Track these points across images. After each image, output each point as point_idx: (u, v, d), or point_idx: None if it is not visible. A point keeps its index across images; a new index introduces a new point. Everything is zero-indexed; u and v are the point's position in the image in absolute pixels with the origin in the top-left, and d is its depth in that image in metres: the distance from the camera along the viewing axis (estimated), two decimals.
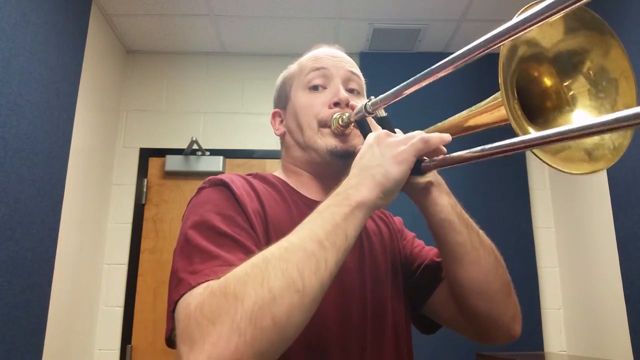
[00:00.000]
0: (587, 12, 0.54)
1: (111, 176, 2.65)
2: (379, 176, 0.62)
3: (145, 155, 2.72)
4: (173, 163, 2.66)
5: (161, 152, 2.70)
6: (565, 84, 0.57)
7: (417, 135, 0.65)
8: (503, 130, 0.60)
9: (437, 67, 0.59)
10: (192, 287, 0.57)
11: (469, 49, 0.53)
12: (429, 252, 0.87)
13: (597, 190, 2.18)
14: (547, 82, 0.58)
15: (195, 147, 2.62)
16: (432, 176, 0.73)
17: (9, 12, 1.64)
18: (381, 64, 2.75)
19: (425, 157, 0.68)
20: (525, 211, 2.63)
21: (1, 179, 1.59)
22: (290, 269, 0.52)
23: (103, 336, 2.45)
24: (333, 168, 0.83)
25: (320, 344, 0.69)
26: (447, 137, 0.65)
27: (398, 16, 2.50)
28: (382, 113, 0.74)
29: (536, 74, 0.58)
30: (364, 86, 0.91)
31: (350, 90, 0.87)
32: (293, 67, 0.92)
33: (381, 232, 0.88)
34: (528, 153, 2.72)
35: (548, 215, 2.66)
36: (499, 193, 2.63)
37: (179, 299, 0.58)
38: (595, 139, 0.52)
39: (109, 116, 2.62)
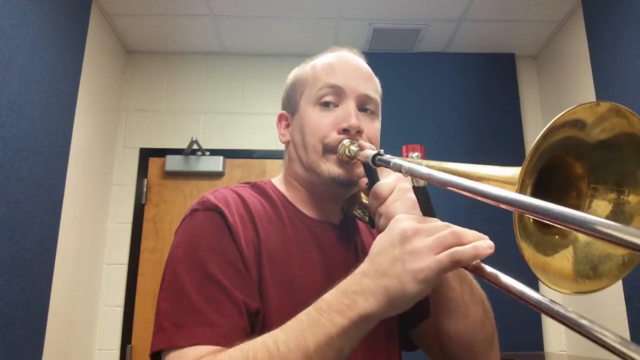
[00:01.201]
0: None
1: (111, 176, 2.65)
2: (393, 290, 0.53)
3: (145, 155, 2.72)
4: (173, 163, 2.66)
5: (161, 152, 2.70)
6: (591, 186, 0.52)
7: (447, 243, 0.52)
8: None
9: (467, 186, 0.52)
10: (172, 347, 0.61)
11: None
12: None
13: None
14: (573, 176, 0.53)
15: (195, 147, 2.62)
16: None
17: (9, 12, 1.64)
18: (381, 64, 2.73)
19: None
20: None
21: (1, 179, 1.59)
22: None
23: (103, 336, 2.45)
24: (334, 192, 0.81)
25: None
26: (487, 249, 0.52)
27: (398, 16, 2.50)
28: (420, 183, 0.63)
29: (565, 164, 0.53)
30: (380, 105, 0.86)
31: (364, 110, 0.82)
32: (307, 70, 0.86)
33: None
34: (528, 150, 2.73)
35: None
36: None
37: (161, 352, 0.62)
38: (604, 250, 0.47)
39: (109, 116, 2.62)
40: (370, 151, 0.72)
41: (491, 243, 0.52)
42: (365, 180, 0.77)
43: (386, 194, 0.69)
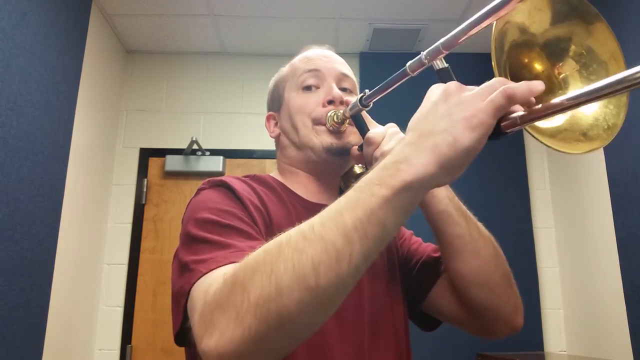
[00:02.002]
0: None
1: (111, 176, 2.65)
2: (444, 146, 0.47)
3: (145, 155, 2.72)
4: (173, 163, 2.66)
5: (161, 152, 2.70)
6: (555, 68, 0.57)
7: (497, 85, 0.48)
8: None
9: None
10: (203, 274, 0.56)
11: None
12: (427, 248, 0.87)
13: (597, 190, 2.18)
14: (538, 67, 0.57)
15: (195, 147, 2.62)
16: None
17: (9, 12, 1.64)
18: (381, 64, 2.75)
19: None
20: (525, 211, 2.63)
21: (1, 179, 1.59)
22: (303, 262, 0.45)
23: (103, 336, 2.45)
24: (330, 166, 0.84)
25: (317, 342, 0.69)
26: (539, 85, 0.47)
27: (398, 16, 2.50)
28: (441, 64, 0.60)
29: (527, 60, 0.58)
30: (357, 86, 0.92)
31: (343, 89, 0.87)
32: (285, 69, 0.92)
33: None
34: (528, 150, 2.73)
35: (548, 215, 2.66)
36: (499, 193, 2.62)
37: (191, 288, 0.57)
38: (589, 120, 0.53)
39: (109, 116, 2.62)
40: (355, 98, 0.76)
41: (541, 82, 0.48)
42: (356, 148, 0.81)
43: (379, 138, 0.74)
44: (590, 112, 0.53)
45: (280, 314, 0.45)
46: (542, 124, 0.50)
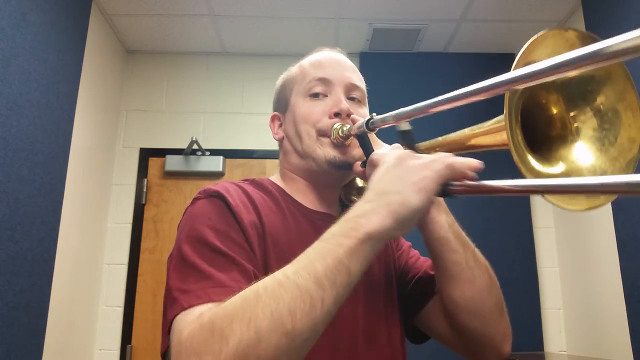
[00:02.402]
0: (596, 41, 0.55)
1: (111, 176, 2.65)
2: (395, 204, 0.55)
3: (145, 155, 2.72)
4: (173, 163, 2.66)
5: (161, 152, 2.70)
6: (571, 114, 0.57)
7: (442, 159, 0.58)
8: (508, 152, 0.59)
9: (448, 98, 0.59)
10: (184, 309, 0.58)
11: (486, 86, 0.53)
12: (424, 263, 0.87)
13: None
14: (553, 109, 0.57)
15: (195, 147, 2.62)
16: None
17: (9, 12, 1.64)
18: (381, 64, 2.75)
19: (452, 182, 0.61)
20: (525, 212, 2.63)
21: (1, 179, 1.59)
22: (280, 308, 0.49)
23: (103, 336, 2.45)
24: (331, 178, 0.83)
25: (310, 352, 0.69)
26: (477, 163, 0.58)
27: (398, 16, 2.50)
28: (406, 126, 0.68)
29: (543, 100, 0.57)
30: (366, 95, 0.90)
31: (352, 99, 0.86)
32: (294, 70, 0.90)
33: None
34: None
35: (548, 215, 2.66)
36: None
37: (173, 319, 0.59)
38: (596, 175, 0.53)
39: (109, 116, 2.62)
40: (362, 119, 0.76)
41: (481, 162, 0.58)
42: (359, 163, 0.80)
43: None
44: (598, 166, 0.53)
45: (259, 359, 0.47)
46: (541, 168, 0.50)
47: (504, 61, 2.84)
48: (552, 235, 2.63)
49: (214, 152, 2.70)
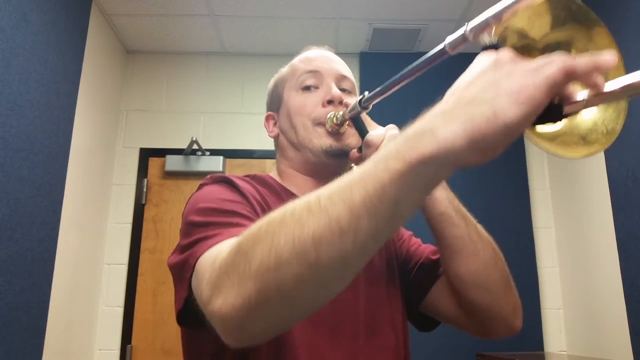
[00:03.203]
0: (573, 2, 0.56)
1: (111, 176, 2.65)
2: (481, 118, 0.38)
3: (145, 155, 2.72)
4: (173, 163, 2.66)
5: (161, 152, 2.70)
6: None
7: (557, 60, 0.39)
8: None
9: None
10: (209, 247, 0.57)
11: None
12: (425, 249, 0.87)
13: (597, 190, 2.18)
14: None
15: (195, 147, 2.62)
16: None
17: (9, 12, 1.64)
18: (381, 64, 2.75)
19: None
20: (525, 211, 2.63)
21: (1, 179, 1.59)
22: (304, 235, 0.42)
23: (103, 336, 2.45)
24: (328, 168, 0.83)
25: (307, 342, 0.69)
26: (609, 58, 0.39)
27: (398, 16, 2.50)
28: (489, 40, 0.51)
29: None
30: (355, 86, 0.92)
31: (342, 90, 0.87)
32: (284, 69, 0.92)
33: None
34: (528, 150, 2.73)
35: (548, 215, 2.66)
36: (499, 193, 2.63)
37: (196, 261, 0.57)
38: (588, 124, 0.52)
39: (109, 116, 2.62)
40: (355, 100, 0.76)
41: (613, 56, 0.39)
42: (355, 150, 0.81)
43: (378, 140, 0.73)
44: (589, 116, 0.53)
45: (279, 287, 0.44)
46: (540, 127, 0.50)
47: None
48: (552, 235, 2.63)
49: (214, 152, 2.70)
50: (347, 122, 0.81)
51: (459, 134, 0.38)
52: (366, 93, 0.74)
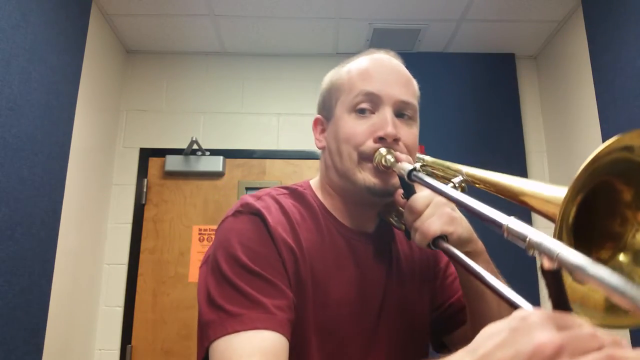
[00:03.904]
0: None
1: (111, 176, 2.65)
2: None
3: (145, 155, 2.72)
4: (173, 163, 2.65)
5: (161, 152, 2.70)
6: (638, 216, 0.48)
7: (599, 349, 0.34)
8: None
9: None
10: (228, 333, 0.60)
11: None
12: (459, 288, 0.85)
13: None
14: (623, 204, 0.49)
15: (195, 147, 2.62)
16: (473, 245, 0.69)
17: (9, 12, 1.64)
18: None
19: None
20: (525, 210, 2.63)
21: (1, 179, 1.59)
22: None
23: (103, 336, 2.45)
24: (369, 201, 0.80)
25: (329, 329, 0.71)
26: None
27: (398, 16, 2.50)
28: (552, 265, 0.40)
29: (616, 186, 0.49)
30: (417, 110, 0.84)
31: (401, 115, 0.80)
32: (342, 75, 0.84)
33: (413, 257, 0.86)
34: (528, 150, 2.73)
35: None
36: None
37: (213, 340, 0.61)
38: None
39: (109, 116, 2.62)
40: (406, 165, 0.69)
41: None
42: (400, 192, 0.75)
43: (422, 208, 0.67)
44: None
45: None
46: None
47: (504, 61, 2.85)
48: (551, 235, 2.63)
49: (214, 152, 2.70)
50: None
51: None
52: (418, 166, 0.69)
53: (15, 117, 1.67)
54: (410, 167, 0.68)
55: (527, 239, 0.43)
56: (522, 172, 2.69)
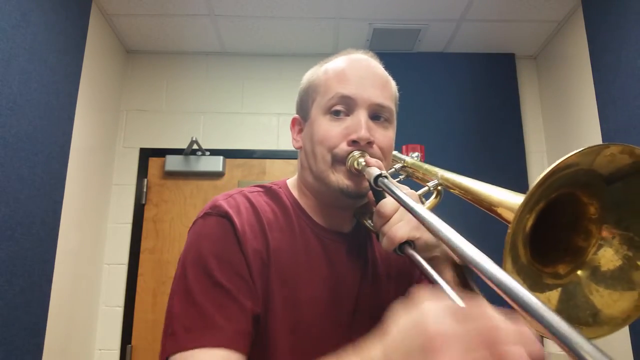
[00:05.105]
0: None
1: (111, 176, 2.65)
2: None
3: (145, 155, 2.72)
4: (173, 163, 2.66)
5: (161, 152, 2.70)
6: (602, 233, 0.47)
7: (491, 345, 0.34)
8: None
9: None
10: (180, 351, 0.63)
11: None
12: None
13: None
14: (586, 219, 0.48)
15: (195, 147, 2.62)
16: (440, 249, 0.68)
17: (9, 12, 1.64)
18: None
19: None
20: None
21: (1, 179, 1.59)
22: None
23: (103, 336, 2.45)
24: (342, 202, 0.81)
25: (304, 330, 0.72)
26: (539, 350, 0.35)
27: (398, 16, 2.50)
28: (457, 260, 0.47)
29: (581, 199, 0.48)
30: (395, 111, 0.83)
31: (377, 117, 0.79)
32: (319, 75, 0.84)
33: (390, 259, 0.85)
34: (528, 150, 2.73)
35: None
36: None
37: (171, 354, 0.64)
38: (611, 296, 0.44)
39: (109, 116, 2.62)
40: (374, 170, 0.69)
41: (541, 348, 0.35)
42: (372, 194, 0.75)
43: (390, 213, 0.67)
44: (592, 303, 0.46)
45: None
46: None
47: (503, 61, 2.85)
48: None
49: (214, 152, 2.70)
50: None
51: None
52: (384, 173, 0.67)
53: (15, 117, 1.67)
54: (377, 172, 0.68)
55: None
56: (522, 172, 2.69)
